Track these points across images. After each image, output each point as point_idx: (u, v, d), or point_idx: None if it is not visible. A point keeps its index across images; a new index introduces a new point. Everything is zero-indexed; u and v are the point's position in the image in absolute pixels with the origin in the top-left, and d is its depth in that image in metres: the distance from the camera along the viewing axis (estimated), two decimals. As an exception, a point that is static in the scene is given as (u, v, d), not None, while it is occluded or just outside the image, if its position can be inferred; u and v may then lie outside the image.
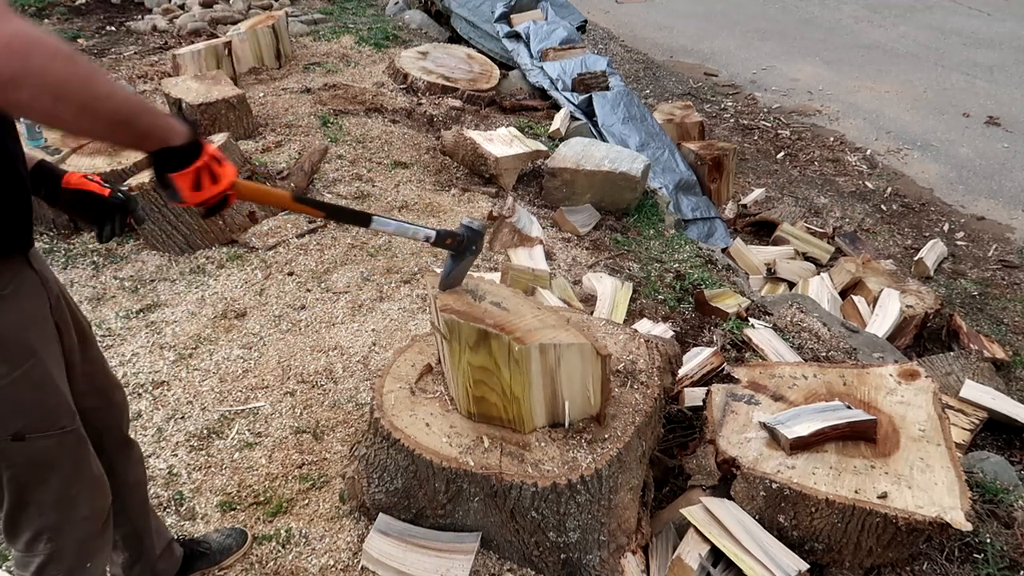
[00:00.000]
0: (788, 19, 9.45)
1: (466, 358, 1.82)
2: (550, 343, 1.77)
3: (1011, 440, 3.08)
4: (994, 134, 6.55)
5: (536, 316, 1.87)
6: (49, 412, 1.40)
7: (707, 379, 2.57)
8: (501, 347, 1.76)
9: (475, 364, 1.81)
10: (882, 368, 2.33)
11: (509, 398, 1.84)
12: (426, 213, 3.87)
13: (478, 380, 1.84)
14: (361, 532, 2.10)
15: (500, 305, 1.89)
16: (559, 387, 1.86)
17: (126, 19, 7.10)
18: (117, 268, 3.40)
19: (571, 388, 1.87)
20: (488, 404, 1.88)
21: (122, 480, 1.70)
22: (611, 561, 1.93)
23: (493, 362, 1.79)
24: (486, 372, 1.82)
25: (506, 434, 1.91)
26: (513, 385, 1.81)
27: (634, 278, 3.47)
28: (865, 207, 5.63)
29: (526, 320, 1.85)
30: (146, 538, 1.81)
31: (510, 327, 1.79)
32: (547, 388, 1.85)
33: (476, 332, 1.77)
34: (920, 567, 2.04)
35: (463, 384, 1.88)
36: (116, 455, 1.68)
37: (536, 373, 1.81)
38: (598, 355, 1.84)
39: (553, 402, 1.89)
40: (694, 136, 5.81)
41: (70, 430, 1.43)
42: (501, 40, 6.35)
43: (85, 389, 1.53)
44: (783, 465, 1.98)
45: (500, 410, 1.88)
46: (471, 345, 1.79)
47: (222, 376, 2.73)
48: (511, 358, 1.76)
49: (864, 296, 4.03)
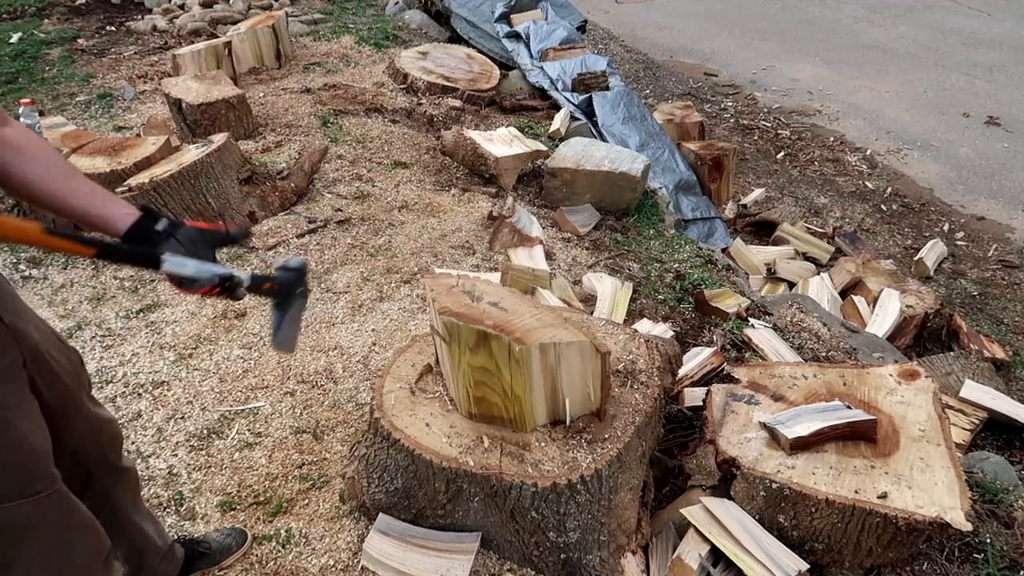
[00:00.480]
0: (788, 19, 9.45)
1: (466, 359, 1.82)
2: (550, 342, 1.77)
3: (1011, 440, 3.08)
4: (994, 134, 6.55)
5: (534, 315, 1.88)
6: (23, 477, 1.33)
7: (707, 379, 2.57)
8: (501, 348, 1.76)
9: (475, 365, 1.82)
10: (882, 368, 2.33)
11: (510, 398, 1.85)
12: (426, 213, 3.87)
13: (479, 381, 1.84)
14: (361, 532, 2.10)
15: (498, 305, 1.89)
16: (559, 385, 1.86)
17: (126, 19, 7.10)
18: (117, 268, 3.40)
19: (571, 385, 1.87)
20: (489, 404, 1.88)
21: (120, 508, 1.69)
22: (611, 561, 1.93)
23: (493, 363, 1.79)
24: (486, 373, 1.82)
25: (506, 434, 1.91)
26: (514, 385, 1.82)
27: (634, 278, 3.47)
28: (865, 207, 5.63)
29: (525, 320, 1.85)
30: (147, 551, 1.80)
31: (509, 327, 1.79)
32: (547, 386, 1.86)
33: (476, 334, 1.77)
34: (920, 567, 2.04)
35: (463, 385, 1.88)
36: (111, 487, 1.66)
37: (537, 372, 1.81)
38: (597, 352, 1.84)
39: (553, 400, 1.89)
40: (694, 136, 5.81)
41: (47, 494, 1.36)
42: (501, 40, 6.35)
43: (84, 430, 1.50)
44: (783, 465, 1.98)
45: (501, 410, 1.88)
46: (471, 347, 1.79)
47: (222, 376, 2.73)
48: (511, 358, 1.77)
49: (864, 296, 4.03)
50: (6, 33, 6.45)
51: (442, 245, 3.58)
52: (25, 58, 5.96)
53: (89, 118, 4.94)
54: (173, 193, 3.33)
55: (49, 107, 5.10)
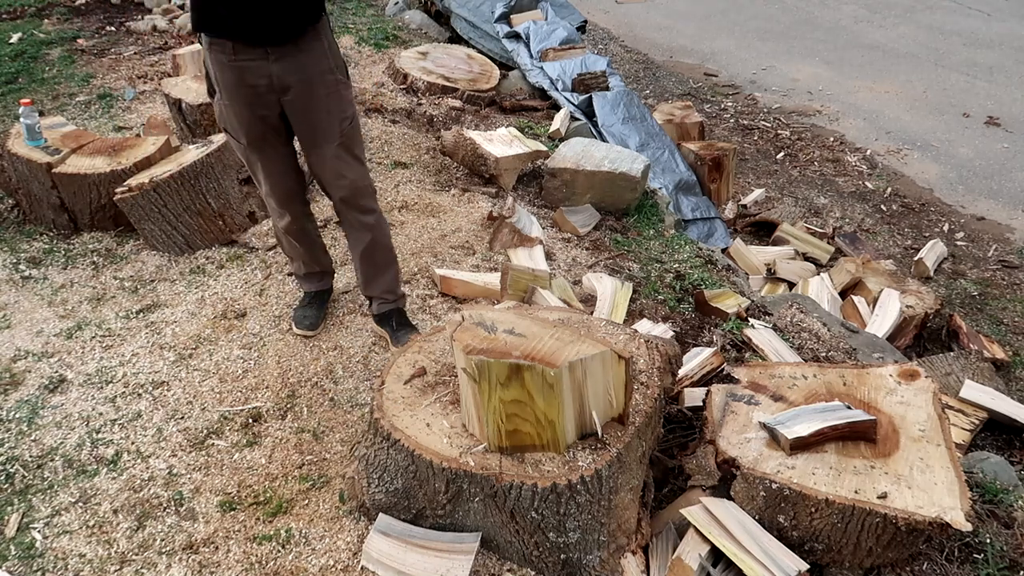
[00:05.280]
0: (788, 19, 9.45)
1: (497, 395, 1.79)
2: (577, 359, 1.77)
3: (1011, 440, 3.08)
4: (994, 134, 6.55)
5: (553, 335, 1.87)
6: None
7: (707, 379, 2.57)
8: (535, 377, 1.74)
9: (507, 399, 1.79)
10: (882, 368, 2.33)
11: (543, 424, 1.82)
12: (426, 213, 3.87)
13: (511, 414, 1.82)
14: (361, 532, 2.10)
15: (514, 332, 1.88)
16: (586, 399, 1.85)
17: (126, 19, 7.10)
18: (117, 268, 3.40)
19: (596, 397, 1.87)
20: (522, 435, 1.86)
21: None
22: (611, 561, 1.93)
23: (526, 393, 1.78)
24: (519, 405, 1.80)
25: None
26: (547, 411, 1.80)
27: (634, 278, 3.47)
28: (865, 207, 5.63)
29: (546, 342, 1.84)
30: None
31: (536, 354, 1.78)
32: (576, 403, 1.84)
33: (507, 368, 1.75)
34: (920, 567, 2.04)
35: (494, 422, 1.84)
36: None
37: (567, 391, 1.80)
38: (620, 359, 1.83)
39: (581, 415, 1.88)
40: (694, 136, 5.81)
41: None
42: (501, 40, 6.35)
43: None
44: (783, 465, 1.98)
45: (534, 438, 1.86)
46: (502, 382, 1.77)
47: (222, 376, 2.73)
48: (545, 384, 1.75)
49: (864, 296, 4.03)
50: (6, 33, 6.45)
51: (442, 245, 3.58)
52: (25, 58, 5.96)
53: (89, 118, 4.94)
54: (173, 193, 3.33)
55: (49, 107, 5.10)
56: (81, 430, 2.51)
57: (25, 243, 3.58)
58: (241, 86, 2.38)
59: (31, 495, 2.28)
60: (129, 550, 2.10)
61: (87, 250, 3.52)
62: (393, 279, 2.84)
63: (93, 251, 3.51)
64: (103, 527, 2.17)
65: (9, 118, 4.88)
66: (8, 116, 4.94)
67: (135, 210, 3.35)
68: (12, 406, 2.62)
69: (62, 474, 2.35)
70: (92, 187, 3.46)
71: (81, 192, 3.49)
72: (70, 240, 3.59)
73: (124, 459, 2.40)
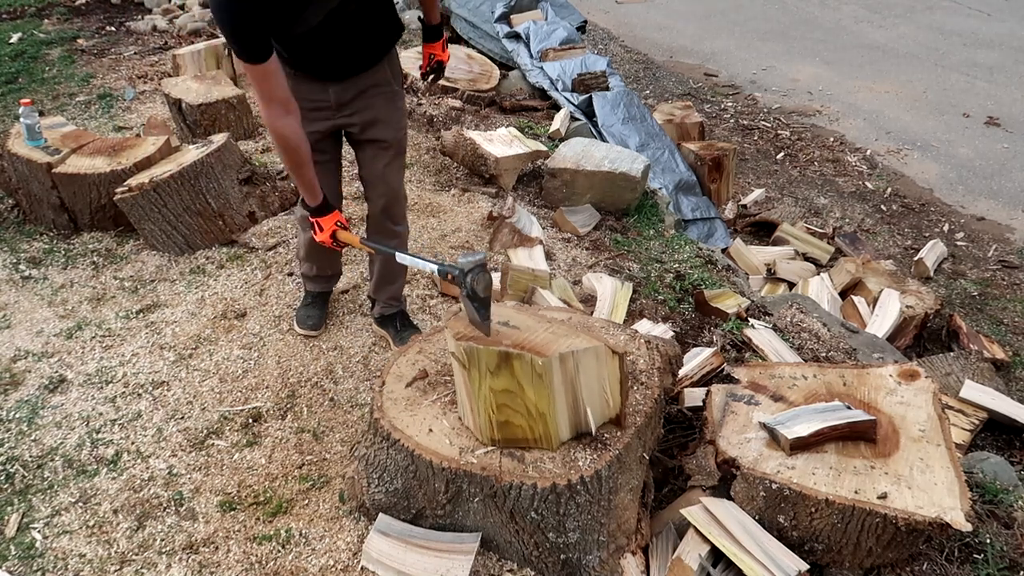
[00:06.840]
0: (788, 19, 9.45)
1: (487, 384, 1.80)
2: (568, 351, 1.77)
3: (1011, 440, 3.08)
4: (994, 134, 6.55)
5: (547, 329, 1.87)
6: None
7: (707, 379, 2.57)
8: (524, 366, 1.75)
9: (497, 388, 1.80)
10: (882, 368, 2.33)
11: (535, 417, 1.83)
12: (426, 213, 3.87)
13: (501, 404, 1.82)
14: (361, 532, 2.10)
15: (508, 324, 1.89)
16: (579, 395, 1.85)
17: (126, 19, 7.10)
18: (117, 268, 3.40)
19: (590, 394, 1.86)
20: (513, 428, 1.86)
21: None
22: (611, 562, 1.93)
23: (516, 383, 1.78)
24: (509, 395, 1.80)
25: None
26: (538, 402, 1.80)
27: (634, 278, 3.47)
28: (865, 207, 5.63)
29: (539, 335, 1.84)
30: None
31: (527, 344, 1.79)
32: (568, 398, 1.84)
33: (496, 355, 1.76)
34: (920, 567, 2.04)
35: (485, 412, 1.85)
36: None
37: (558, 384, 1.80)
38: (614, 354, 1.84)
39: (575, 412, 1.88)
40: (694, 136, 5.81)
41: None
42: (501, 40, 6.35)
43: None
44: (783, 465, 1.98)
45: (526, 431, 1.86)
46: (491, 370, 1.78)
47: (222, 376, 2.73)
48: (534, 374, 1.76)
49: (864, 296, 4.03)
50: (6, 33, 6.45)
51: (442, 245, 3.58)
52: (25, 58, 5.96)
53: (89, 118, 4.94)
54: (173, 193, 3.33)
55: (49, 107, 5.10)
56: (81, 430, 2.51)
57: (25, 243, 3.58)
58: (298, 99, 2.30)
59: (31, 495, 2.28)
60: (129, 550, 2.10)
61: (87, 250, 3.52)
62: (401, 286, 2.93)
63: (93, 251, 3.51)
64: (103, 527, 2.17)
65: (9, 118, 4.88)
66: (8, 116, 4.94)
67: (135, 210, 3.35)
68: (12, 406, 2.62)
69: (62, 474, 2.35)
70: (92, 187, 3.46)
71: (81, 192, 3.49)
72: (70, 240, 3.59)
73: (124, 459, 2.40)
